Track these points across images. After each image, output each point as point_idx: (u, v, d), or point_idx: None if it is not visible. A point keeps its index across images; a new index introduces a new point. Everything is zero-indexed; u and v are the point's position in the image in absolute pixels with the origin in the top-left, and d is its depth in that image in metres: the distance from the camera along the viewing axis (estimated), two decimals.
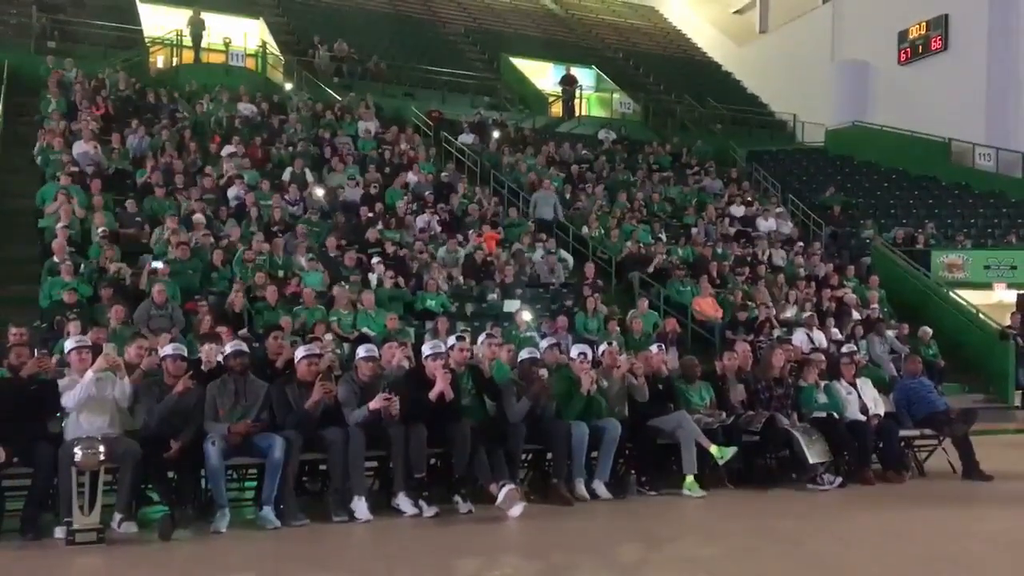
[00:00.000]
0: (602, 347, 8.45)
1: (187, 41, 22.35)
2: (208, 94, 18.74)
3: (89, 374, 6.35)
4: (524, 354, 7.96)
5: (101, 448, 5.93)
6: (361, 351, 7.29)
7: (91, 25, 21.42)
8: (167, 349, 6.88)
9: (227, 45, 22.70)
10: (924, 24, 26.98)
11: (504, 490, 6.77)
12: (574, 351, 8.11)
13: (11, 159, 14.86)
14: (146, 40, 22.56)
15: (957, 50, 25.93)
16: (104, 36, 20.62)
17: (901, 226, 20.04)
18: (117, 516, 6.16)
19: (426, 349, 7.47)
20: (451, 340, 7.84)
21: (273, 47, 24.08)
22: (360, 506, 6.60)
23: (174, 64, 22.25)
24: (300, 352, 7.11)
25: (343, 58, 23.70)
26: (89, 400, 6.34)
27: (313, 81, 22.27)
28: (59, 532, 5.97)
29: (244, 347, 7.07)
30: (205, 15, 22.52)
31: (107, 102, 17.00)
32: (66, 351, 6.74)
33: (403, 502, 6.77)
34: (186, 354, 6.94)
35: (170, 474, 6.57)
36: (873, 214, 21.18)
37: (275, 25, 25.94)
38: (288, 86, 22.04)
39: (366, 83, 23.00)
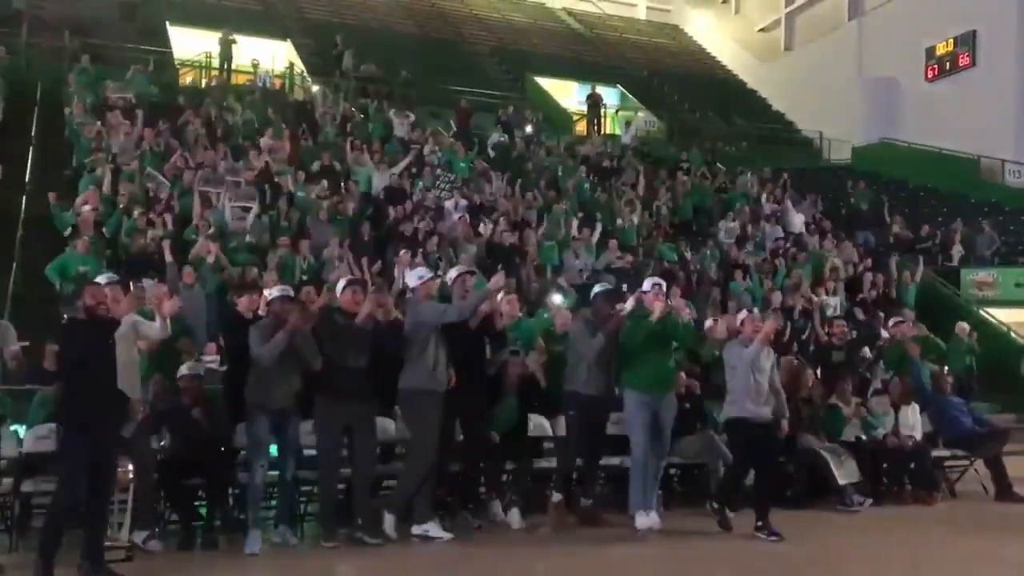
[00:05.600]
0: (742, 314, 7.65)
1: (216, 62, 22.62)
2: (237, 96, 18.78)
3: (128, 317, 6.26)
4: (597, 288, 7.58)
5: (130, 466, 5.97)
6: (275, 291, 6.90)
7: (122, 48, 21.73)
8: (274, 291, 6.81)
9: (255, 67, 22.96)
10: (951, 41, 26.79)
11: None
12: (647, 283, 7.42)
13: (44, 178, 15.01)
14: (175, 62, 22.86)
15: (985, 66, 25.71)
16: (135, 59, 20.90)
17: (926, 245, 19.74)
18: (141, 534, 6.19)
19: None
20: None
21: (301, 68, 24.33)
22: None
23: (203, 85, 22.51)
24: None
25: (370, 78, 23.87)
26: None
27: (340, 102, 22.42)
28: None
29: (290, 292, 6.94)
30: (234, 36, 22.76)
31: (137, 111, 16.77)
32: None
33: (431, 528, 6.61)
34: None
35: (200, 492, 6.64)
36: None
37: (303, 47, 26.23)
38: (315, 88, 22.17)
39: (392, 102, 23.13)
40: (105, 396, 5.51)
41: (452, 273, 7.17)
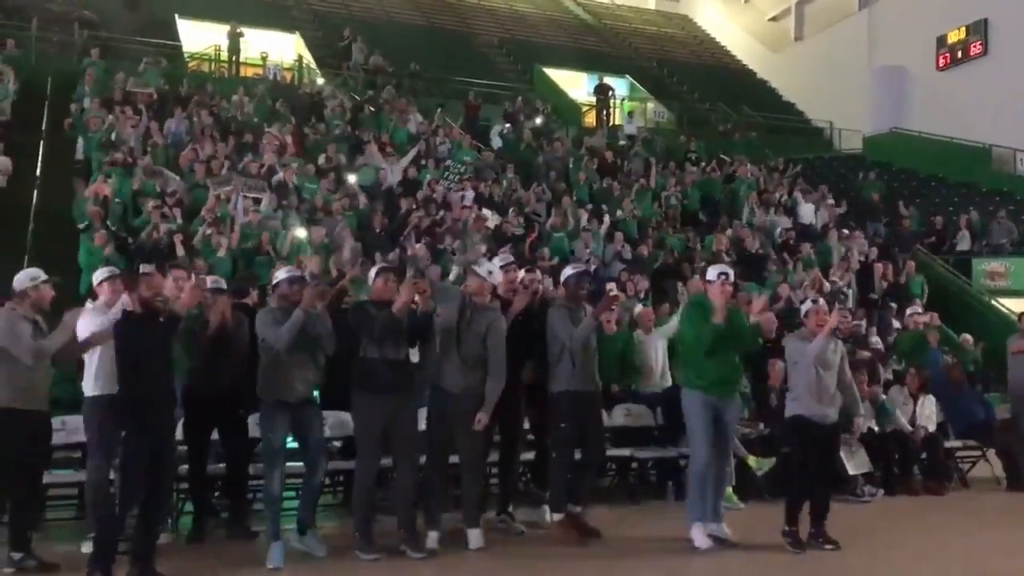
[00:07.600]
0: (806, 305, 6.91)
1: (224, 55, 22.64)
2: (245, 90, 18.82)
3: (117, 307, 5.76)
4: (568, 271, 7.00)
5: None
6: (282, 273, 6.42)
7: (131, 41, 21.77)
8: (280, 273, 6.36)
9: (264, 59, 22.97)
10: (963, 29, 26.65)
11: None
12: (712, 272, 6.64)
13: (53, 173, 15.06)
14: (184, 55, 22.89)
15: (997, 55, 25.57)
16: (144, 52, 20.95)
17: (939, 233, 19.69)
18: None
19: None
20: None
21: (309, 61, 24.33)
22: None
23: (210, 77, 22.47)
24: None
25: (378, 71, 23.85)
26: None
27: (350, 95, 22.41)
28: None
29: (298, 272, 6.52)
30: (242, 29, 22.77)
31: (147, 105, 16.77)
32: (95, 282, 6.04)
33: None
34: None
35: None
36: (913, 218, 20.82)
37: (312, 39, 26.23)
38: (320, 80, 22.17)
39: (401, 93, 23.09)
40: (164, 391, 5.43)
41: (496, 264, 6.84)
